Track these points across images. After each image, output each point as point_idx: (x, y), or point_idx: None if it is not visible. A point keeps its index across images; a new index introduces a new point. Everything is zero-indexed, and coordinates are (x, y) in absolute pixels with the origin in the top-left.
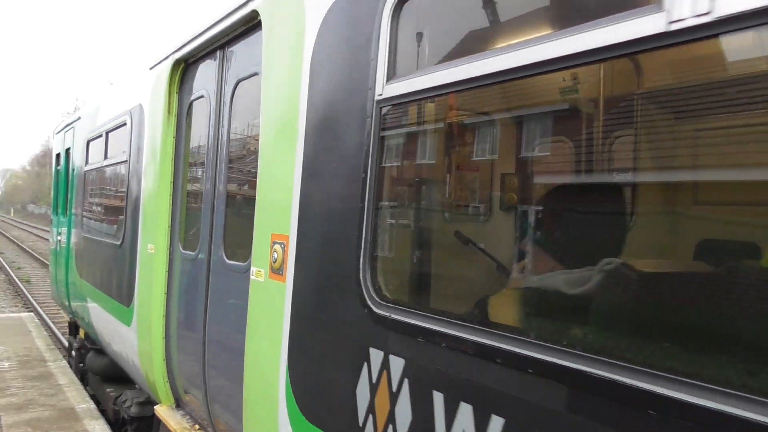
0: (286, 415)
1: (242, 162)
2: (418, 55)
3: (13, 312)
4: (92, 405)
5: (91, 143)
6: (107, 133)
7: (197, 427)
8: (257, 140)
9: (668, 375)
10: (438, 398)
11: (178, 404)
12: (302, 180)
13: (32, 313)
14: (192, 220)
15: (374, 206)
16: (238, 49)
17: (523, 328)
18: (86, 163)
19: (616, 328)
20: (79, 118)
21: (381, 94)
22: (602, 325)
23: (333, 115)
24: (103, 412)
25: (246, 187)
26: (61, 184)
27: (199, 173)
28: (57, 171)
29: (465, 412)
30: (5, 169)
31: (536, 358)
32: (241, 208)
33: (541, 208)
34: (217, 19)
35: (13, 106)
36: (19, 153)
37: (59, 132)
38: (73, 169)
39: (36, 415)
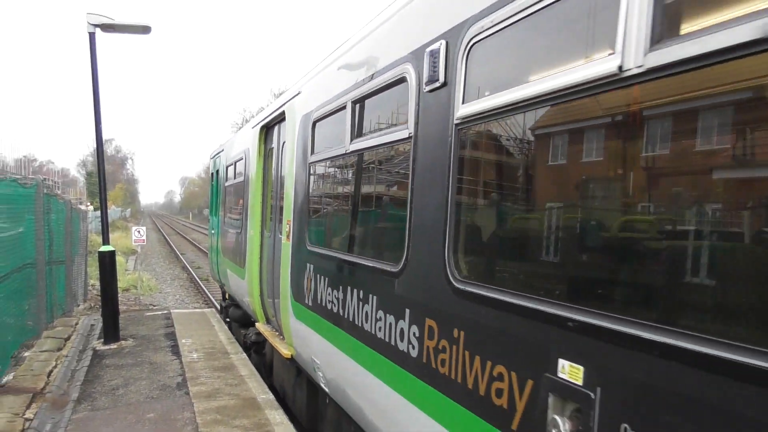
0: (291, 301)
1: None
2: (320, 144)
3: (196, 308)
4: (271, 396)
5: (228, 167)
6: (235, 163)
7: (275, 331)
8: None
9: (357, 255)
10: (319, 277)
11: (268, 321)
12: (294, 194)
13: (213, 309)
14: (271, 216)
15: (309, 207)
16: (282, 126)
17: (333, 246)
18: (226, 180)
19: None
20: (222, 149)
21: (311, 160)
22: (350, 236)
23: (299, 166)
24: (240, 344)
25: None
26: (213, 195)
27: (272, 190)
28: (212, 185)
29: (323, 280)
30: (184, 177)
31: (332, 255)
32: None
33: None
34: (273, 109)
35: (189, 118)
36: (195, 161)
37: (212, 157)
38: (219, 185)
39: (223, 403)
